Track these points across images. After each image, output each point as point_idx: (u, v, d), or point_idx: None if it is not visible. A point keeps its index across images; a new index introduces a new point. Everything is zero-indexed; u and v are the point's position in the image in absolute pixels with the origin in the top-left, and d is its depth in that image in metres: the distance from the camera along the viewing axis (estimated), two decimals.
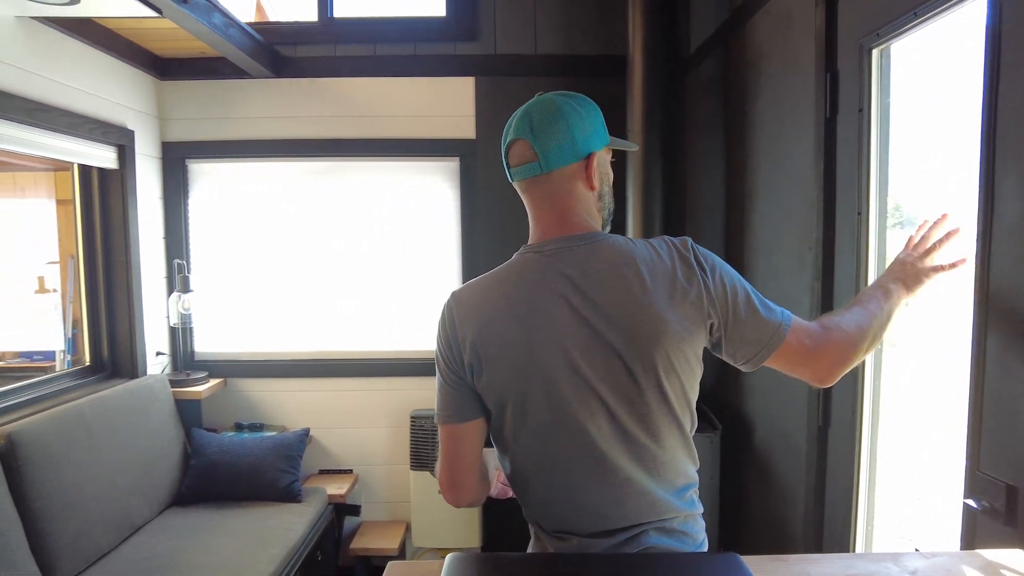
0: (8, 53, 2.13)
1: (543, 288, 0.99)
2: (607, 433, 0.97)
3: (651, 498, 0.96)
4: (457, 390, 1.05)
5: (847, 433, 1.62)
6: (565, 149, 1.01)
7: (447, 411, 1.06)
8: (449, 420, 1.06)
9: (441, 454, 1.08)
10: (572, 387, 0.97)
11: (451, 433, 1.07)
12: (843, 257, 1.64)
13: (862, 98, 1.53)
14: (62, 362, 3.90)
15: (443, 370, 1.06)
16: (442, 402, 1.07)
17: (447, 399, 1.06)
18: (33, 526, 1.95)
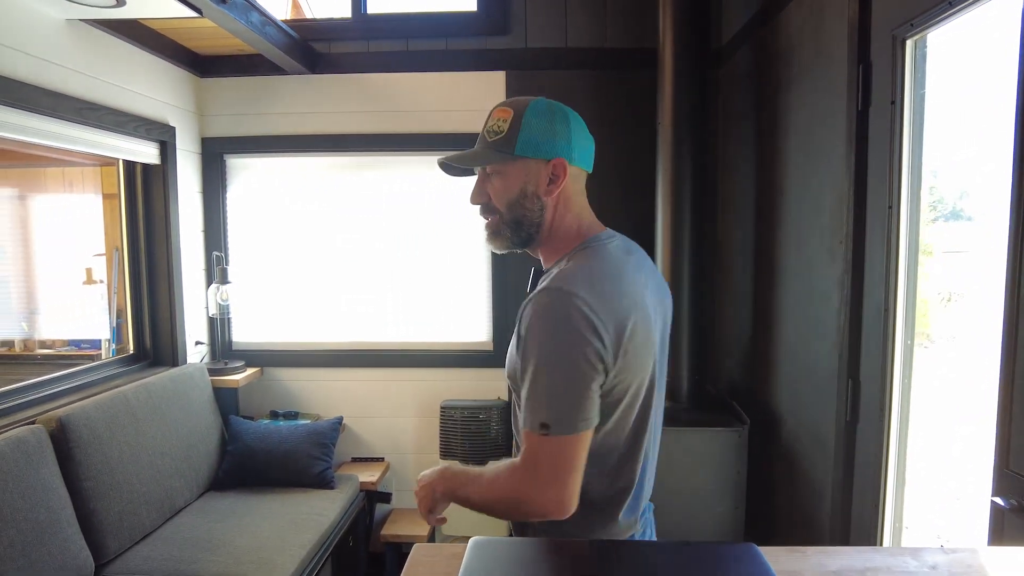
0: (58, 55, 2.22)
1: (639, 273, 1.10)
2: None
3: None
4: (597, 392, 0.99)
5: (875, 429, 1.61)
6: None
7: (589, 415, 0.98)
8: (588, 426, 0.98)
9: (562, 468, 0.96)
10: (661, 367, 1.14)
11: (584, 441, 0.98)
12: (873, 251, 1.63)
13: (895, 90, 1.51)
14: (107, 350, 4.06)
15: (590, 371, 0.96)
16: (583, 407, 0.97)
17: (591, 402, 0.97)
18: (82, 505, 2.05)
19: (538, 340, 0.98)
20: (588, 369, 0.96)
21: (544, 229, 1.12)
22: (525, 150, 1.07)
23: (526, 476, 0.98)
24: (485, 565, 0.78)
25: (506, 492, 1.00)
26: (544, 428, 0.95)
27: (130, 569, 2.10)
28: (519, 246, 1.15)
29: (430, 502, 1.12)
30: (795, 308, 2.14)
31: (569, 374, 0.96)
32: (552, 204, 1.11)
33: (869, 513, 1.65)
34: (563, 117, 1.09)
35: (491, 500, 1.03)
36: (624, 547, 0.87)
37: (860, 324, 1.70)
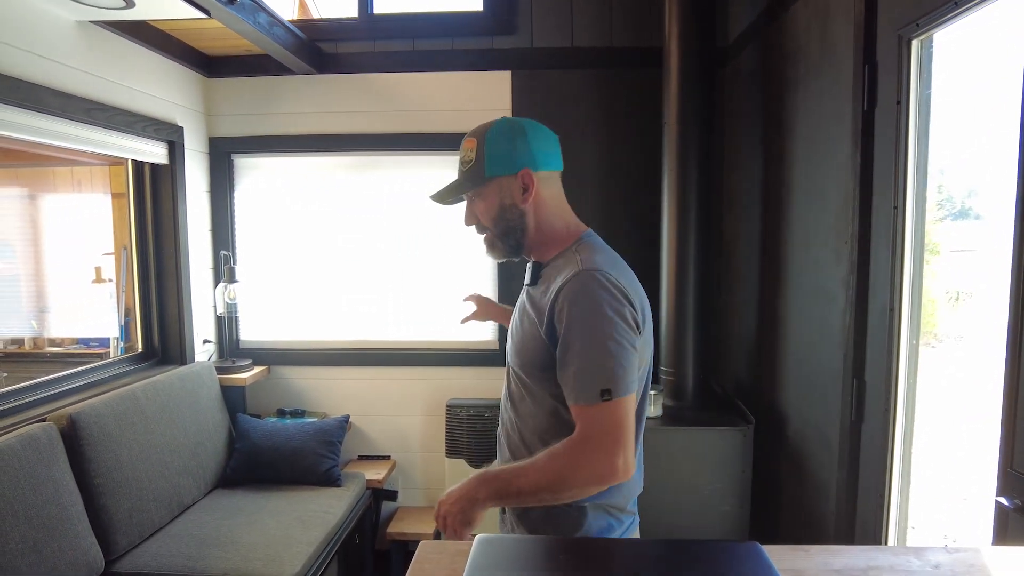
0: (69, 56, 2.25)
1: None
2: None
3: None
4: (633, 355, 1.09)
5: (880, 428, 1.61)
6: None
7: (632, 377, 1.08)
8: (633, 388, 1.08)
9: (627, 429, 1.06)
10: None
11: (632, 402, 1.08)
12: (879, 251, 1.63)
13: (901, 90, 1.51)
14: (115, 348, 4.09)
15: (629, 333, 1.09)
16: (629, 369, 1.07)
17: (634, 364, 1.08)
18: (92, 501, 2.07)
19: (583, 317, 1.08)
20: (632, 333, 1.09)
21: (530, 233, 1.25)
22: (494, 170, 1.21)
23: (589, 447, 1.05)
24: (491, 562, 0.79)
25: (568, 470, 1.05)
26: (606, 394, 1.04)
27: (139, 565, 2.12)
28: (514, 253, 1.29)
29: (470, 514, 1.10)
30: (801, 308, 2.14)
31: (619, 341, 1.06)
32: (531, 210, 1.24)
33: (874, 513, 1.65)
34: (520, 131, 1.22)
35: (548, 484, 1.05)
36: (628, 545, 0.88)
37: (865, 324, 1.70)
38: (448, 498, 1.12)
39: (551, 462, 1.07)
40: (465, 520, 1.10)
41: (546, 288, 1.19)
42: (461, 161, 1.26)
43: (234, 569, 2.11)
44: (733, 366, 2.85)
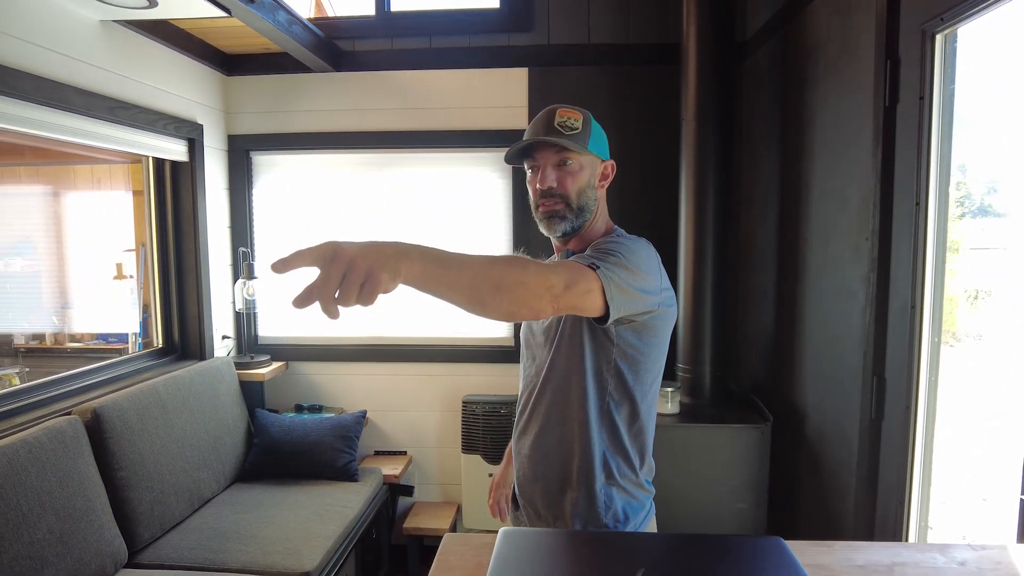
0: (93, 55, 2.28)
1: None
2: None
3: None
4: (633, 296, 1.12)
5: (901, 426, 1.60)
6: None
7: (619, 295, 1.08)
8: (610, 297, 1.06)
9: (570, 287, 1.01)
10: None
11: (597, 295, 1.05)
12: (900, 248, 1.61)
13: (924, 85, 1.49)
14: (134, 344, 4.15)
15: (642, 274, 1.15)
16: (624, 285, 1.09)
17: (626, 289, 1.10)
18: (116, 494, 2.11)
19: (620, 240, 1.20)
20: (647, 283, 1.15)
21: (592, 218, 1.31)
22: (594, 147, 1.27)
23: (549, 266, 1.00)
24: (516, 555, 0.79)
25: (520, 267, 0.95)
26: (594, 267, 1.06)
27: (161, 558, 2.15)
28: (573, 232, 1.31)
29: (395, 263, 0.77)
30: (819, 305, 2.12)
31: (632, 264, 1.12)
32: (600, 198, 1.33)
33: (894, 511, 1.65)
34: (603, 130, 1.33)
35: (495, 273, 0.91)
36: (651, 539, 0.89)
37: (886, 321, 1.69)
38: (361, 249, 0.74)
39: (512, 261, 0.97)
40: (391, 272, 0.76)
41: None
42: (561, 125, 1.25)
43: (253, 563, 2.14)
44: (750, 363, 2.84)
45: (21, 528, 1.70)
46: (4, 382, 3.81)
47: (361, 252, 0.73)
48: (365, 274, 0.72)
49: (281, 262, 0.72)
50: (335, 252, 0.72)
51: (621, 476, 1.28)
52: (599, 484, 1.27)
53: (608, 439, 1.28)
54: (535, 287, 0.95)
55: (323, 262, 0.72)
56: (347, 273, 0.72)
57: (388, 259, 0.76)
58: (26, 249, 4.25)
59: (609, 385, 1.26)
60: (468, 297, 0.88)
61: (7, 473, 1.71)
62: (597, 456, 1.27)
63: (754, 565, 0.81)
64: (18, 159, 4.17)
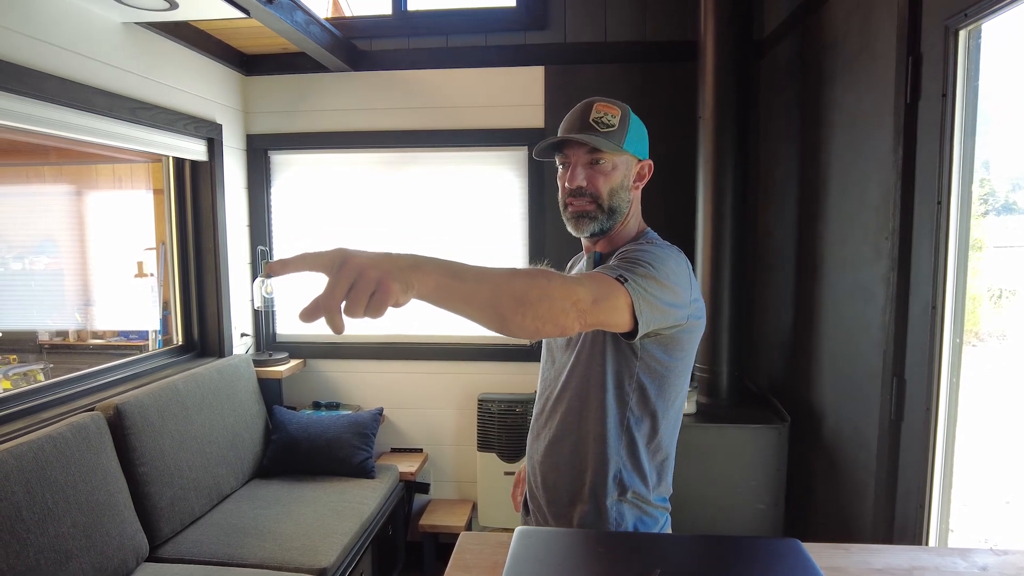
0: (115, 57, 2.31)
1: None
2: None
3: None
4: (663, 311, 1.05)
5: (921, 428, 1.58)
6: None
7: (649, 309, 1.02)
8: (639, 311, 1.00)
9: (600, 300, 0.96)
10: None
11: (626, 306, 0.99)
12: (921, 247, 1.59)
13: (947, 82, 1.47)
14: (154, 341, 4.21)
15: (672, 289, 1.08)
16: (652, 296, 1.03)
17: (655, 303, 1.03)
18: (137, 489, 2.14)
19: (647, 248, 1.12)
20: (677, 298, 1.09)
21: (624, 220, 1.26)
22: (630, 146, 1.21)
23: (576, 279, 0.95)
24: (532, 554, 0.80)
25: (545, 280, 0.89)
26: (621, 279, 1.00)
27: (181, 552, 2.19)
28: (602, 232, 1.26)
29: (408, 277, 0.75)
30: (838, 304, 2.10)
31: (661, 276, 1.06)
32: (634, 199, 1.28)
33: (913, 514, 1.63)
34: (641, 123, 1.27)
35: (517, 287, 0.85)
36: (667, 539, 0.89)
37: (906, 321, 1.67)
38: (372, 258, 0.71)
39: (536, 274, 0.90)
40: (404, 284, 0.73)
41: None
42: (597, 121, 1.20)
43: (271, 558, 2.16)
44: (768, 363, 2.82)
45: (47, 521, 1.74)
46: (29, 378, 3.88)
47: (372, 261, 0.69)
48: (375, 284, 0.68)
49: (280, 263, 0.68)
50: (344, 259, 0.68)
51: (635, 494, 1.21)
52: (610, 500, 1.21)
53: (626, 455, 1.21)
54: (561, 301, 0.88)
55: (331, 269, 0.68)
56: (356, 282, 0.67)
57: (401, 270, 0.72)
58: (50, 247, 4.33)
59: (631, 400, 1.20)
60: (488, 313, 0.83)
61: (33, 468, 1.75)
62: (611, 472, 1.21)
63: (770, 567, 0.80)
64: (43, 159, 4.24)
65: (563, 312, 0.88)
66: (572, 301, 0.89)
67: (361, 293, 0.67)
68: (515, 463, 3.00)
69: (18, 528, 1.66)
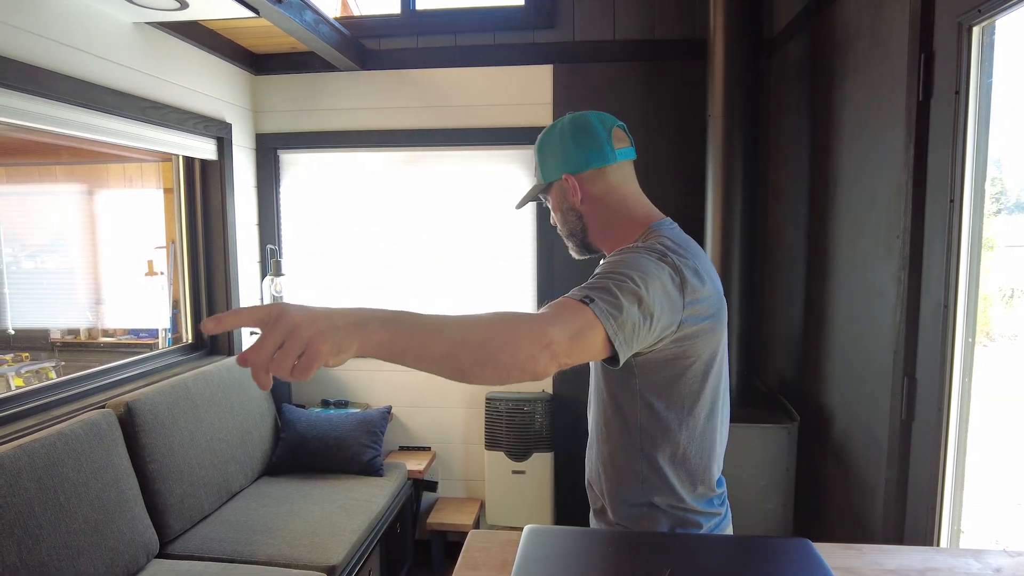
0: (126, 56, 2.33)
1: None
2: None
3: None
4: (641, 330, 0.93)
5: (933, 428, 1.57)
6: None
7: (624, 333, 0.90)
8: (614, 335, 0.89)
9: (571, 335, 0.86)
10: (726, 353, 1.16)
11: (597, 334, 0.89)
12: (933, 246, 1.58)
13: (960, 79, 1.46)
14: (163, 339, 4.24)
15: (650, 304, 0.94)
16: (626, 312, 0.90)
17: (633, 317, 0.92)
18: (148, 486, 2.16)
19: (623, 256, 1.02)
20: (659, 313, 0.94)
21: (590, 232, 1.24)
22: (547, 177, 1.24)
23: (535, 316, 0.87)
24: (541, 552, 0.80)
25: (506, 326, 0.83)
26: (587, 299, 0.89)
27: (191, 549, 2.20)
28: (582, 251, 1.29)
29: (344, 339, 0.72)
30: (848, 304, 2.09)
31: (633, 288, 0.92)
32: (587, 210, 1.22)
33: (925, 515, 1.61)
34: (562, 134, 1.20)
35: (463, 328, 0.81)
36: (677, 539, 0.88)
37: (917, 321, 1.66)
38: (307, 315, 0.71)
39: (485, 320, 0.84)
40: (335, 346, 0.71)
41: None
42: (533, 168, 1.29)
43: (280, 555, 2.17)
44: (777, 363, 2.81)
45: (59, 518, 1.75)
46: (41, 375, 3.91)
47: (307, 319, 0.68)
48: (304, 344, 0.66)
49: (215, 320, 0.66)
50: (278, 315, 0.67)
51: (666, 505, 1.13)
52: (642, 510, 1.15)
53: (646, 471, 1.13)
54: (528, 347, 0.81)
55: (264, 325, 0.67)
56: (286, 341, 0.66)
57: (338, 330, 0.70)
58: (62, 246, 4.36)
59: (639, 419, 1.12)
60: (444, 367, 0.79)
61: (46, 464, 1.76)
62: (633, 485, 1.15)
63: (781, 567, 0.80)
64: (55, 159, 4.28)
65: (530, 358, 0.81)
66: (543, 345, 0.82)
67: (288, 353, 0.66)
68: (523, 461, 3.00)
69: (31, 524, 1.67)
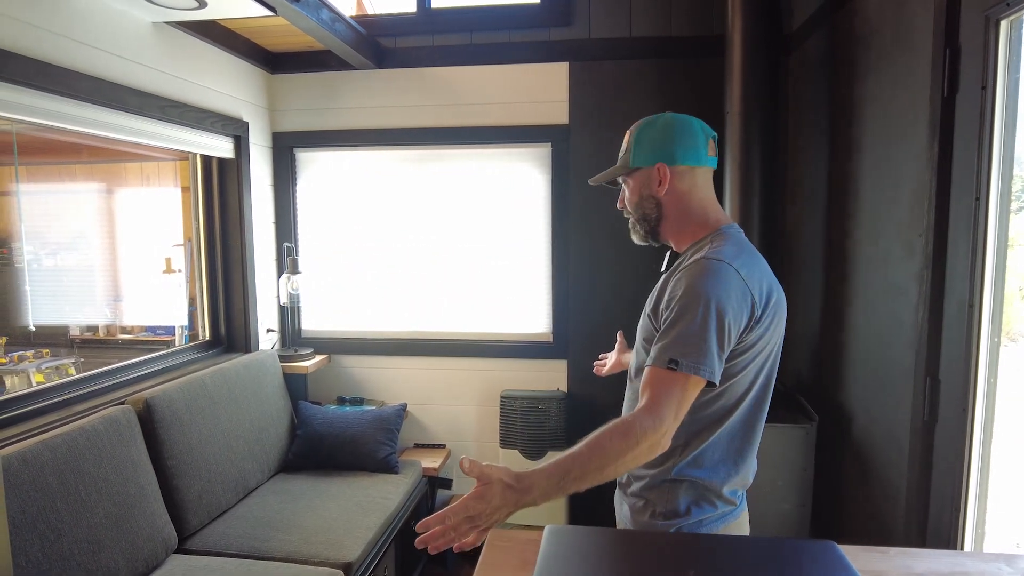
0: (145, 56, 2.34)
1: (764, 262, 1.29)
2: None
3: None
4: (724, 349, 1.13)
5: (957, 429, 1.54)
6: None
7: (714, 368, 1.10)
8: (711, 375, 1.10)
9: (678, 405, 1.08)
10: (779, 354, 1.30)
11: (698, 387, 1.11)
12: (957, 244, 1.56)
13: (986, 74, 1.43)
14: (180, 337, 4.27)
15: (724, 326, 1.12)
16: (708, 355, 1.10)
17: (716, 356, 1.11)
18: (166, 482, 2.17)
19: (688, 299, 1.13)
20: (731, 327, 1.12)
21: (665, 222, 1.34)
22: (637, 162, 1.32)
23: (647, 414, 1.05)
24: (563, 552, 0.79)
25: (625, 439, 1.02)
26: (672, 363, 1.08)
27: (209, 544, 2.21)
28: (649, 238, 1.38)
29: (502, 516, 0.97)
30: (868, 303, 2.06)
31: (711, 327, 1.10)
32: (668, 201, 1.32)
33: (948, 517, 1.59)
34: (665, 126, 1.33)
35: (607, 460, 1.01)
36: (701, 540, 0.87)
37: (940, 320, 1.63)
38: (480, 496, 0.97)
39: (604, 440, 1.03)
40: (495, 521, 0.97)
41: (671, 274, 1.27)
42: (621, 150, 1.38)
43: (297, 552, 2.18)
44: (794, 361, 2.78)
45: (80, 513, 1.77)
46: (61, 371, 3.96)
47: (504, 507, 0.95)
48: (470, 528, 0.95)
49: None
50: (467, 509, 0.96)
51: (688, 490, 1.24)
52: (665, 484, 1.25)
53: (683, 445, 1.24)
54: (654, 450, 1.04)
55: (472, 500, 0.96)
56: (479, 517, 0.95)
57: (502, 512, 0.95)
58: (81, 244, 4.41)
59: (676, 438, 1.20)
60: (598, 479, 1.00)
61: (67, 459, 1.78)
62: (665, 458, 1.24)
63: (807, 569, 0.79)
64: (75, 158, 4.32)
65: (658, 447, 1.05)
66: (661, 436, 1.04)
67: (458, 533, 0.96)
68: (538, 460, 2.99)
69: (52, 518, 1.69)
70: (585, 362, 3.01)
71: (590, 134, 2.98)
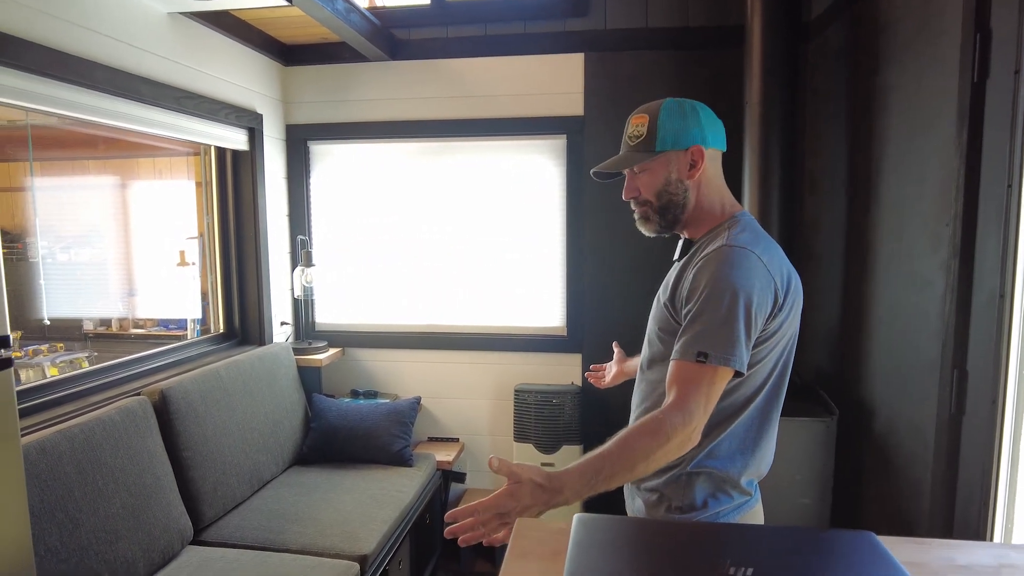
0: (160, 46, 2.34)
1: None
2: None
3: None
4: (751, 338, 1.12)
5: (986, 422, 1.51)
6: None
7: (742, 358, 1.09)
8: (737, 366, 1.09)
9: (707, 398, 1.08)
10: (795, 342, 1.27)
11: (727, 377, 1.10)
12: (987, 233, 1.52)
13: (1020, 59, 1.40)
14: (192, 330, 4.28)
15: (751, 315, 1.11)
16: (736, 345, 1.09)
17: (744, 345, 1.10)
18: (182, 473, 2.17)
19: (712, 289, 1.11)
20: (749, 313, 1.10)
21: (689, 209, 1.28)
22: (665, 145, 1.24)
23: (676, 409, 1.05)
24: (594, 540, 0.77)
25: (655, 437, 1.03)
26: (701, 356, 1.07)
27: (224, 536, 2.21)
28: (666, 229, 1.32)
29: (532, 515, 1.00)
30: (891, 294, 2.03)
31: (737, 316, 1.09)
32: (695, 186, 1.27)
33: (976, 510, 1.56)
34: (691, 110, 1.26)
35: (638, 458, 1.02)
36: (735, 529, 0.85)
37: (968, 311, 1.60)
38: (510, 494, 0.99)
39: (634, 438, 1.05)
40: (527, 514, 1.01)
41: (689, 261, 1.25)
42: (629, 136, 1.30)
43: (312, 544, 2.17)
44: (814, 355, 2.75)
45: (98, 503, 1.77)
46: (75, 365, 3.98)
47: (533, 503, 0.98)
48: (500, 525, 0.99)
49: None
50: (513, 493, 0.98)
51: (705, 482, 1.23)
52: (683, 477, 1.23)
53: (692, 459, 1.22)
54: (685, 445, 1.05)
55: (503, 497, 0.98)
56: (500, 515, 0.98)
57: (532, 511, 0.98)
58: (95, 238, 4.43)
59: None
60: (629, 476, 1.04)
61: (85, 449, 1.78)
62: (673, 470, 1.23)
63: (847, 560, 0.77)
64: (89, 151, 4.34)
65: (689, 443, 1.06)
66: (691, 432, 1.05)
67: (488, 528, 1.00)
68: (552, 454, 2.98)
69: (70, 508, 1.69)
70: (600, 356, 2.99)
71: (605, 126, 2.95)
